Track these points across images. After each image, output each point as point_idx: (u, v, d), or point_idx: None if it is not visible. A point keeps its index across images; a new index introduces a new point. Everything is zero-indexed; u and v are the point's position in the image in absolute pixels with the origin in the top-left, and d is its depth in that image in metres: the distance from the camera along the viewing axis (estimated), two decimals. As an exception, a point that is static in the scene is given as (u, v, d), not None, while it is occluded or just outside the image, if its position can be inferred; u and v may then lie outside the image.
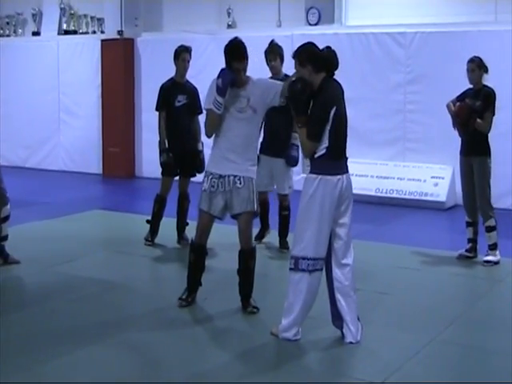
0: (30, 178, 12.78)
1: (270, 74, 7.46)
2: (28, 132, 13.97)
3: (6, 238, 6.92)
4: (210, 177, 5.58)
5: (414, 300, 6.03)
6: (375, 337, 5.12)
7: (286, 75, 7.44)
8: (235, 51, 5.52)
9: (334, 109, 4.87)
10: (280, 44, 7.71)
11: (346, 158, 5.06)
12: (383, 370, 4.58)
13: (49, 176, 13.32)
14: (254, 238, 6.15)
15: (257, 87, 5.62)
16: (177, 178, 7.78)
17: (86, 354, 4.81)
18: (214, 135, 5.66)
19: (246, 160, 5.59)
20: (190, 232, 7.68)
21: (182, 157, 7.57)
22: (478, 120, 6.98)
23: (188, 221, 7.74)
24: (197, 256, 5.77)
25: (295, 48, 5.14)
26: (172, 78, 7.73)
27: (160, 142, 7.62)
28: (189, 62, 7.66)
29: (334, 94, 4.98)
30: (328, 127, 4.86)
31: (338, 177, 4.89)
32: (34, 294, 6.27)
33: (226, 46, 5.58)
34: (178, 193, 7.76)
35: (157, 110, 7.69)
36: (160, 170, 7.75)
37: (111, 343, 5.02)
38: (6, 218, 6.87)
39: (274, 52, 7.45)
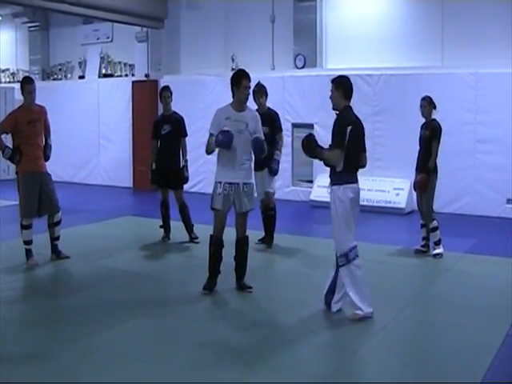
0: (77, 191, 12.77)
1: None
2: (75, 154, 14.00)
3: (58, 238, 6.96)
4: (223, 182, 5.49)
5: (380, 285, 6.02)
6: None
7: (269, 108, 7.34)
8: (244, 73, 5.56)
9: (349, 127, 4.94)
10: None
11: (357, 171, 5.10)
12: (356, 341, 4.59)
13: (91, 189, 13.31)
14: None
15: (251, 115, 5.64)
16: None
17: (127, 327, 4.84)
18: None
19: (244, 169, 5.57)
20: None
21: (167, 173, 7.64)
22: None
23: (193, 223, 7.78)
24: (216, 247, 5.60)
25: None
26: (162, 113, 7.81)
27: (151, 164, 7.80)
28: (169, 97, 7.61)
29: (351, 117, 5.05)
30: (345, 142, 4.90)
31: (354, 185, 4.99)
32: (81, 282, 6.28)
33: (235, 73, 5.58)
34: (178, 205, 7.77)
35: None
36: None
37: (143, 319, 5.03)
38: (59, 223, 6.90)
39: (260, 91, 7.28)
